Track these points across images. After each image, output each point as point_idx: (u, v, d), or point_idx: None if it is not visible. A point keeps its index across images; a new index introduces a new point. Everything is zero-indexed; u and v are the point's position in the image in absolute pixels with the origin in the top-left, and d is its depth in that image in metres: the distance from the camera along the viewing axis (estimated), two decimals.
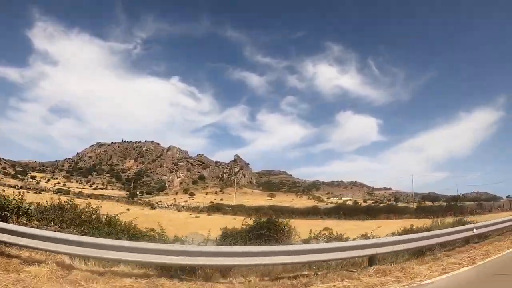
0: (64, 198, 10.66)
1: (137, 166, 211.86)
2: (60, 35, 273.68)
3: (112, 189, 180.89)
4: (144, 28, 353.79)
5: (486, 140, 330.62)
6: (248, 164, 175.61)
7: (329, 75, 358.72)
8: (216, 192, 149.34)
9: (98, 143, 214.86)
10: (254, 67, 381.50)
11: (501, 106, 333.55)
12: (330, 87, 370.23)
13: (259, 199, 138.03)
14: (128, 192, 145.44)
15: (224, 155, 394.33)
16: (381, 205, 75.88)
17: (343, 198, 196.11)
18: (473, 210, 48.52)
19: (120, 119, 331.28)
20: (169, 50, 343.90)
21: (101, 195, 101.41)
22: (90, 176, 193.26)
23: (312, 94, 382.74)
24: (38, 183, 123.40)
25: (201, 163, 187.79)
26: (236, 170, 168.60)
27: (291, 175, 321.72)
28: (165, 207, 65.00)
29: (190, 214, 53.81)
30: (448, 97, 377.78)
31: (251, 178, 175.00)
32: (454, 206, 58.69)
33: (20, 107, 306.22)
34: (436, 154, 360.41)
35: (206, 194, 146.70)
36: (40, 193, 65.90)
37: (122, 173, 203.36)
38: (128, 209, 54.27)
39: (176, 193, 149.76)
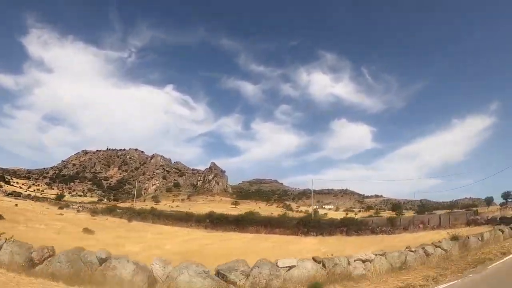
0: None
1: (120, 174, 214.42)
2: (54, 42, 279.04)
3: (92, 196, 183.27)
4: (139, 36, 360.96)
5: (480, 146, 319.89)
6: (224, 172, 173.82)
7: (323, 83, 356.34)
8: (183, 200, 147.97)
9: (83, 150, 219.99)
10: (248, 76, 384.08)
11: (494, 112, 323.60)
12: (324, 95, 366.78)
13: (223, 207, 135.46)
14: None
15: (219, 164, 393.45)
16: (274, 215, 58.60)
17: (325, 207, 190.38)
18: (377, 228, 41.42)
19: (114, 127, 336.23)
20: (164, 59, 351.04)
21: (36, 196, 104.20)
22: (72, 183, 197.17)
23: (306, 102, 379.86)
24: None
25: (177, 171, 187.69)
26: (210, 177, 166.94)
27: (282, 184, 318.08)
28: (76, 208, 64.60)
29: (76, 214, 52.80)
30: (441, 104, 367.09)
31: (226, 186, 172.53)
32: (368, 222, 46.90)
33: (14, 114, 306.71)
34: (430, 161, 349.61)
35: (173, 201, 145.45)
36: None
37: (104, 180, 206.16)
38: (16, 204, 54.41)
39: (144, 200, 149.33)
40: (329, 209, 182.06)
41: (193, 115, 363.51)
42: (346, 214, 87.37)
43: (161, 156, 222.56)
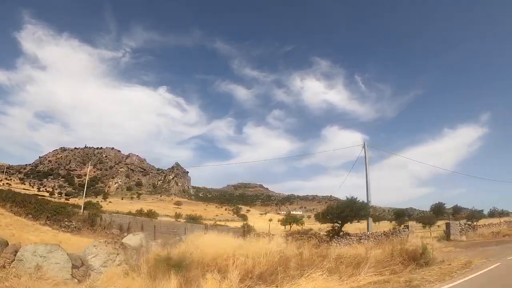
0: None
1: (94, 172, 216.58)
2: (49, 39, 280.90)
3: (60, 192, 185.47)
4: (133, 37, 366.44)
5: (470, 156, 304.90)
6: (187, 172, 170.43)
7: (316, 89, 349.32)
8: (132, 198, 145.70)
9: (61, 147, 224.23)
10: (242, 80, 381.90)
11: (485, 123, 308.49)
12: (317, 102, 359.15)
13: (166, 207, 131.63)
14: None
15: (211, 168, 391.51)
16: None
17: (293, 213, 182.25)
18: None
19: (106, 127, 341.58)
20: (158, 60, 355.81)
21: None
22: (45, 179, 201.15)
23: (299, 108, 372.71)
24: None
25: (142, 170, 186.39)
26: (170, 178, 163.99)
27: (267, 189, 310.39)
28: None
29: None
30: (433, 114, 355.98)
31: (188, 187, 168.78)
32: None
33: (5, 110, 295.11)
34: (420, 170, 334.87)
35: (122, 199, 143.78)
36: None
37: (77, 178, 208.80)
38: None
39: (96, 197, 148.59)
40: (297, 214, 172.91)
41: (185, 118, 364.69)
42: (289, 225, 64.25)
43: (137, 155, 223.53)
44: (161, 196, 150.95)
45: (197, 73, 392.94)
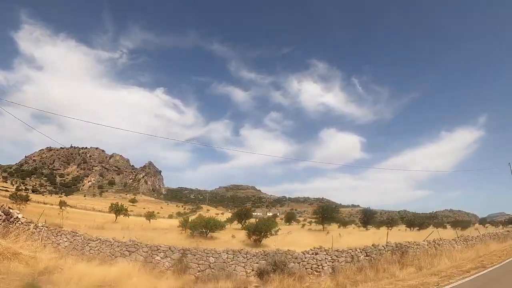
0: None
1: (78, 171, 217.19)
2: (46, 39, 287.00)
3: (41, 191, 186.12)
4: (130, 37, 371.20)
5: (467, 158, 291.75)
6: (160, 171, 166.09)
7: (313, 92, 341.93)
8: (94, 195, 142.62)
9: (48, 147, 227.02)
10: (239, 82, 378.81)
11: (482, 125, 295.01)
12: (314, 104, 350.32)
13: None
14: None
15: (207, 170, 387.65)
16: None
17: (268, 214, 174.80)
18: None
19: (103, 129, 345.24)
20: (155, 61, 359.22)
21: None
22: (28, 178, 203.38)
23: (296, 110, 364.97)
24: None
25: (117, 169, 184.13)
26: (140, 176, 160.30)
27: (259, 191, 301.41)
28: None
29: None
30: (430, 117, 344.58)
31: (159, 186, 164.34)
32: None
33: (2, 110, 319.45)
34: (417, 173, 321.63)
35: (84, 197, 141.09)
36: None
37: (60, 177, 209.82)
38: None
39: (67, 195, 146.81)
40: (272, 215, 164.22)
41: (182, 119, 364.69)
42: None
43: (120, 155, 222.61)
44: (126, 194, 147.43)
45: (194, 74, 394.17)
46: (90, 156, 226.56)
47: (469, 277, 9.87)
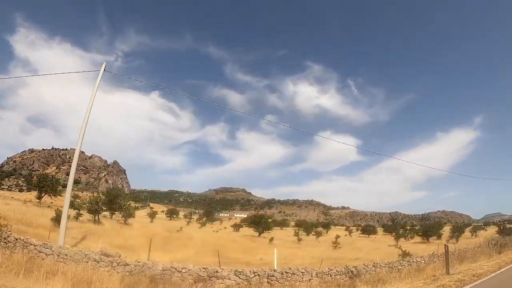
0: None
1: (56, 173, 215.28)
2: (41, 43, 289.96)
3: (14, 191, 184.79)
4: (125, 41, 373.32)
5: (463, 159, 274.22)
6: (125, 171, 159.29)
7: (309, 94, 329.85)
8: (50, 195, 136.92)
9: (30, 149, 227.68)
10: (234, 85, 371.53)
11: (478, 126, 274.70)
12: (310, 107, 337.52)
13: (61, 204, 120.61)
14: None
15: (204, 173, 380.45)
16: None
17: (236, 216, 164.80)
18: None
19: (99, 132, 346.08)
20: (150, 64, 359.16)
21: None
22: (6, 179, 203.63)
23: (292, 113, 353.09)
24: None
25: (84, 168, 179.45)
26: (102, 175, 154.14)
27: (250, 193, 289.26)
28: None
29: None
30: (425, 118, 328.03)
31: (122, 186, 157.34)
32: None
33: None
34: (414, 174, 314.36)
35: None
36: None
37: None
38: None
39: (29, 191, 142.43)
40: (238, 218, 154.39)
41: (178, 123, 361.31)
42: None
43: (99, 156, 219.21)
44: (82, 192, 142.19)
45: (189, 77, 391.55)
46: (69, 157, 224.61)
47: None
